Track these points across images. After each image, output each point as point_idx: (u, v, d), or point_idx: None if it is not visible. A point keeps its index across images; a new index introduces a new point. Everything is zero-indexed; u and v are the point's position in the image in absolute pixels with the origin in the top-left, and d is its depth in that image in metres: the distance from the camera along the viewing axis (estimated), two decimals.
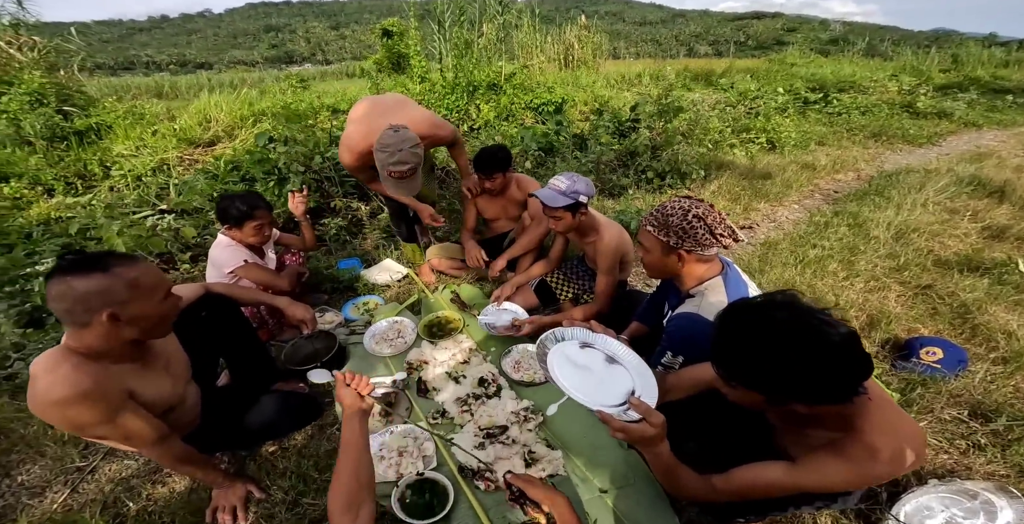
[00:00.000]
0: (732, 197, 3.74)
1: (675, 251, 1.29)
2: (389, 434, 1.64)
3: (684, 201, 1.30)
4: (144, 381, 1.19)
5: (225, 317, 1.60)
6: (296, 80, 5.70)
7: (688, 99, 5.65)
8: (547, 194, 1.80)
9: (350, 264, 2.65)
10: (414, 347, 2.08)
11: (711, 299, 1.29)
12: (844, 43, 14.47)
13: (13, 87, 4.81)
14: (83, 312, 1.02)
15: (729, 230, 1.29)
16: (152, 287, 1.11)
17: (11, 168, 3.87)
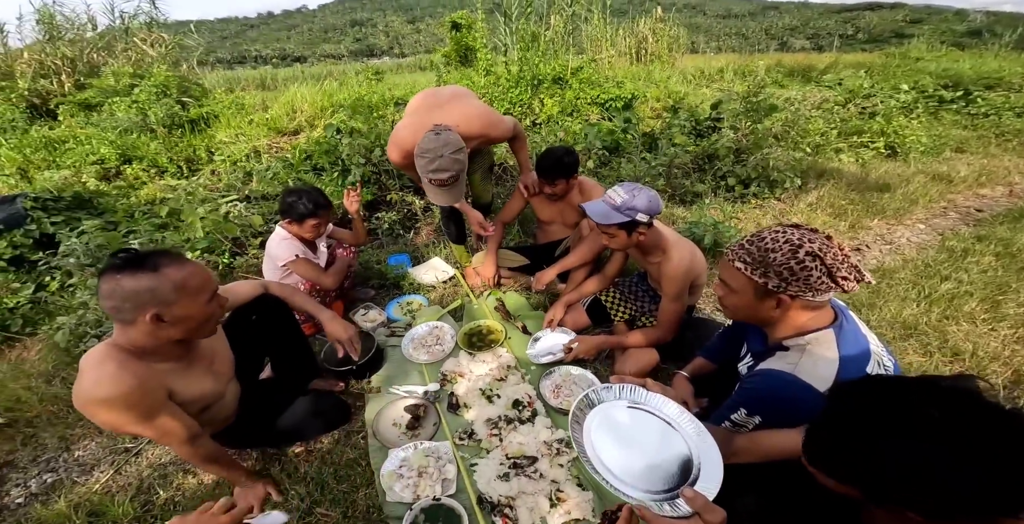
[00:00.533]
0: (835, 212, 3.16)
1: (774, 295, 1.00)
2: (412, 450, 1.54)
3: (791, 232, 1.00)
4: (186, 380, 1.19)
5: (276, 320, 1.58)
6: (372, 72, 5.88)
7: (782, 97, 4.94)
8: (598, 209, 1.55)
9: (400, 260, 2.60)
10: (451, 356, 1.96)
11: (815, 359, 0.99)
12: (989, 35, 11.99)
13: (144, 80, 5.45)
14: (130, 310, 1.03)
15: (854, 271, 0.97)
16: (198, 289, 1.10)
17: (135, 152, 4.37)
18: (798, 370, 0.98)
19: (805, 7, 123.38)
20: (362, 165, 2.92)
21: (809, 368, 0.98)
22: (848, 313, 1.08)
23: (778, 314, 1.03)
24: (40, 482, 1.57)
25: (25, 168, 4.08)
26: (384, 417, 1.69)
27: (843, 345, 1.00)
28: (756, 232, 1.05)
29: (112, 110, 5.12)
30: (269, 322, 1.55)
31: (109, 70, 5.73)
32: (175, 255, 1.11)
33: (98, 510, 1.41)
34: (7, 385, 1.89)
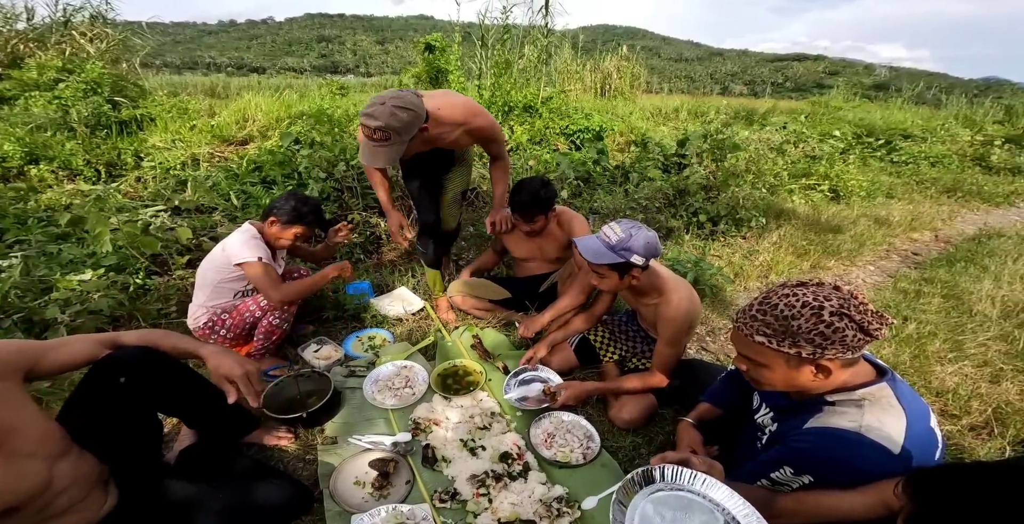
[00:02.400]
0: (798, 252, 3.31)
1: (812, 362, 0.92)
2: (381, 516, 1.28)
3: (803, 292, 0.92)
4: None
5: (156, 378, 1.17)
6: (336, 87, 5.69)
7: (740, 137, 5.32)
8: (590, 246, 1.45)
9: (360, 288, 2.32)
10: (423, 401, 1.72)
11: (880, 417, 0.91)
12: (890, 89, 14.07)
13: (72, 75, 4.92)
14: None
15: (877, 317, 0.91)
16: None
17: (44, 151, 3.83)
18: (864, 429, 0.89)
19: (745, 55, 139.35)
20: (322, 180, 2.66)
21: (876, 426, 0.89)
22: (889, 368, 1.02)
23: (821, 379, 0.94)
24: None
25: None
26: (344, 474, 1.41)
27: (903, 399, 0.93)
28: (762, 297, 0.97)
29: (28, 105, 4.55)
30: (145, 383, 1.15)
31: (33, 62, 5.13)
32: None
33: None
34: None
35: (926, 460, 0.91)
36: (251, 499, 1.23)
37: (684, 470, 0.95)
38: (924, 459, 0.90)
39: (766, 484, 1.00)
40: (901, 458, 0.88)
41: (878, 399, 0.93)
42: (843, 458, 0.90)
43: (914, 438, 0.89)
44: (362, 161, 1.73)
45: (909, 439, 0.89)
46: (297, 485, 1.36)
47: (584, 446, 1.54)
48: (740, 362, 1.03)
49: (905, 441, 0.88)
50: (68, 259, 2.05)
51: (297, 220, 1.79)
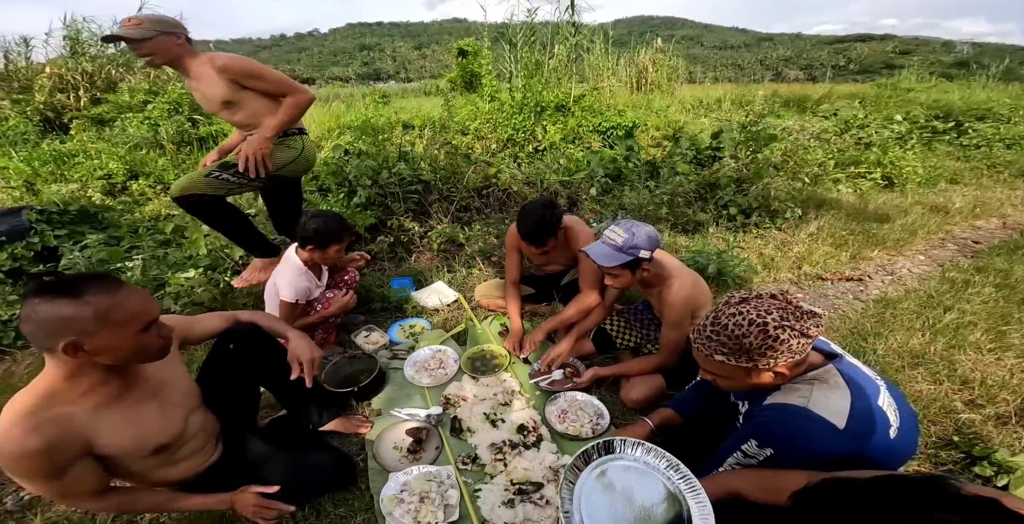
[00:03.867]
0: (836, 242, 3.21)
1: (767, 371, 1.02)
2: (414, 474, 1.51)
3: (747, 310, 1.00)
4: (120, 419, 1.07)
5: (257, 349, 1.45)
6: (379, 96, 6.10)
7: (780, 127, 5.12)
8: (601, 252, 1.55)
9: (403, 283, 2.61)
10: (454, 380, 1.96)
11: (826, 392, 1.01)
12: (976, 66, 12.54)
13: (158, 97, 5.62)
14: (45, 338, 0.92)
15: (812, 315, 1.01)
16: (126, 319, 0.98)
17: (143, 168, 4.46)
18: (811, 403, 1.00)
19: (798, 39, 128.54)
20: (368, 187, 2.98)
21: (822, 401, 0.99)
22: (835, 347, 1.12)
23: (778, 380, 1.06)
24: (16, 499, 1.51)
25: (32, 181, 4.14)
26: (385, 440, 1.66)
27: (848, 378, 1.03)
28: (713, 317, 1.05)
29: (124, 126, 5.24)
30: (249, 352, 1.43)
31: (125, 86, 5.89)
32: (107, 281, 0.99)
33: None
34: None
35: (876, 437, 0.99)
36: (308, 464, 1.48)
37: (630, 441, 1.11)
38: (873, 436, 0.99)
39: (739, 457, 1.10)
40: (847, 433, 0.97)
41: (825, 379, 1.03)
42: (793, 431, 1.00)
43: (858, 415, 0.98)
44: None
45: (853, 416, 0.98)
46: (345, 457, 1.58)
47: (594, 422, 1.70)
48: (706, 374, 1.14)
49: (848, 418, 0.97)
50: (173, 261, 2.48)
51: (330, 241, 1.91)
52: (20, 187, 4.02)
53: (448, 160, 3.40)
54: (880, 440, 0.99)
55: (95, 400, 1.03)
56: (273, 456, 1.42)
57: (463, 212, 3.27)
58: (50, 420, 0.97)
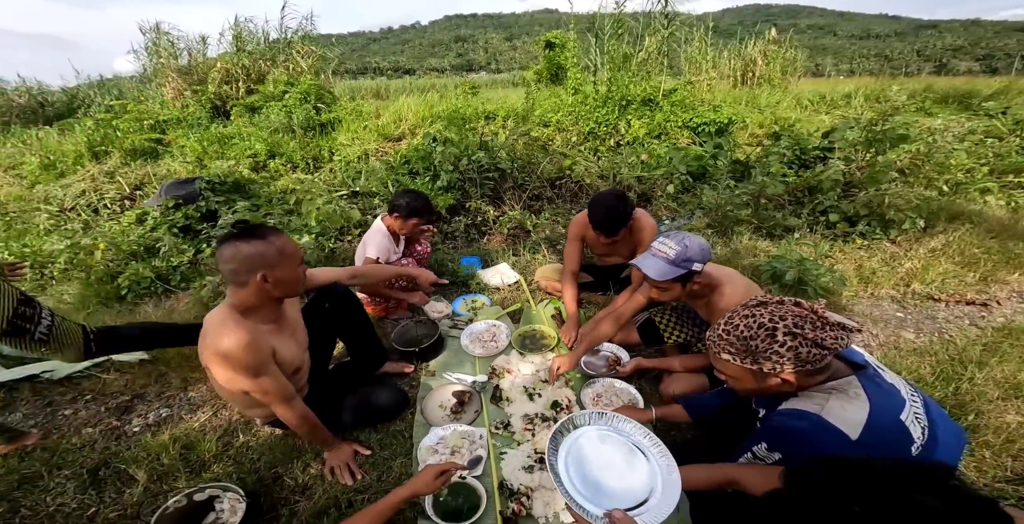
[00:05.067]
0: (964, 261, 2.72)
1: (773, 376, 0.98)
2: (451, 431, 1.67)
3: (760, 313, 0.97)
4: (281, 342, 1.38)
5: (345, 309, 1.76)
6: (469, 86, 6.35)
7: (923, 126, 4.32)
8: (653, 265, 1.46)
9: (471, 261, 2.81)
10: (503, 353, 2.09)
11: (843, 403, 0.95)
12: None
13: (293, 87, 6.49)
14: (245, 272, 1.23)
15: (838, 328, 0.93)
16: (293, 255, 1.32)
17: (278, 149, 5.24)
18: (825, 411, 0.94)
19: (975, 25, 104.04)
20: (450, 172, 3.22)
21: (837, 410, 0.94)
22: (870, 360, 1.03)
23: (787, 388, 1.00)
24: (157, 415, 1.85)
25: (201, 157, 5.13)
26: (433, 398, 1.85)
27: (871, 390, 0.95)
28: (728, 316, 1.03)
29: (268, 113, 6.16)
30: (338, 310, 1.74)
31: (271, 78, 6.90)
32: (275, 228, 1.32)
33: (191, 444, 1.64)
34: None
35: (893, 453, 0.91)
36: (373, 397, 1.76)
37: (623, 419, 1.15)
38: (891, 452, 0.91)
39: (750, 458, 1.07)
40: (858, 445, 0.89)
41: (844, 390, 0.96)
42: (802, 437, 0.95)
43: (875, 429, 0.90)
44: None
45: (869, 428, 0.90)
46: (401, 391, 1.86)
47: None
48: (719, 373, 1.11)
49: (864, 429, 0.90)
50: (294, 226, 2.99)
51: (413, 214, 2.20)
52: (193, 162, 5.01)
53: (526, 150, 3.51)
54: (899, 456, 0.92)
55: (268, 326, 1.36)
56: (346, 392, 1.72)
57: (535, 201, 3.37)
58: (248, 326, 1.27)
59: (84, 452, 1.65)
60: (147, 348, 2.11)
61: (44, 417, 1.89)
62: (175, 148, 5.41)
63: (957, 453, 1.03)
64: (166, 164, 4.95)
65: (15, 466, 1.59)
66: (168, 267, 2.90)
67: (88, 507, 1.41)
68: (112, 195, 4.28)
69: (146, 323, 2.29)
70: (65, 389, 2.03)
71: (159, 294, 2.81)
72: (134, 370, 2.10)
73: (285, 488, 1.47)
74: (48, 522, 1.38)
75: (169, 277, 2.87)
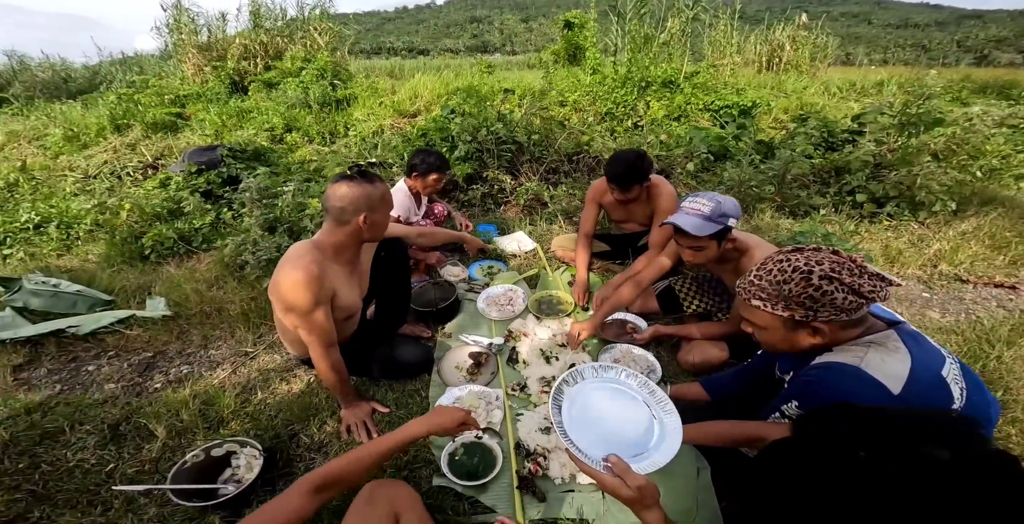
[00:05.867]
0: (995, 244, 2.63)
1: (806, 325, 0.93)
2: (467, 391, 1.66)
3: (795, 257, 0.93)
4: (347, 285, 1.43)
5: (396, 260, 1.77)
6: (484, 66, 6.26)
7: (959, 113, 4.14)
8: (689, 222, 1.43)
9: (487, 229, 2.80)
10: (519, 317, 2.07)
11: (883, 355, 0.90)
12: None
13: (310, 64, 6.47)
14: (352, 212, 1.30)
15: (877, 279, 0.89)
16: (389, 202, 1.40)
17: (295, 123, 5.26)
18: (865, 364, 0.89)
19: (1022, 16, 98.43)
20: (468, 142, 3.19)
21: (877, 363, 0.89)
22: (904, 320, 0.99)
23: (819, 340, 0.95)
24: (178, 371, 1.86)
25: (220, 130, 5.16)
26: (449, 359, 1.84)
27: (911, 345, 0.90)
28: (760, 264, 0.99)
29: (286, 88, 6.16)
30: (391, 261, 1.73)
31: (289, 54, 6.88)
32: (379, 175, 1.38)
33: (210, 400, 1.64)
34: (181, 286, 2.36)
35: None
36: (401, 352, 1.77)
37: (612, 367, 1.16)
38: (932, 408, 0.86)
39: (777, 418, 1.02)
40: (900, 401, 0.85)
41: (883, 342, 0.91)
42: (841, 391, 0.89)
43: (918, 383, 0.86)
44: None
45: (912, 382, 0.85)
46: (428, 350, 1.87)
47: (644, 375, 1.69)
48: (746, 326, 1.06)
49: (907, 384, 0.85)
50: (312, 192, 2.99)
51: (431, 170, 2.24)
52: (212, 135, 5.05)
53: (543, 125, 3.45)
54: None
55: (344, 268, 1.43)
56: (380, 343, 1.74)
57: (552, 174, 3.33)
58: (322, 263, 1.33)
59: (106, 408, 1.66)
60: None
61: (68, 372, 1.91)
62: (195, 122, 5.45)
63: (989, 424, 0.99)
64: (186, 137, 4.99)
65: (38, 421, 1.60)
66: (191, 229, 2.93)
67: (107, 463, 1.42)
68: (135, 164, 4.33)
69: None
70: (89, 345, 2.05)
71: (181, 254, 2.85)
72: (156, 327, 2.12)
73: (301, 445, 1.48)
74: (67, 477, 1.38)
75: (191, 238, 2.91)
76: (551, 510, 1.26)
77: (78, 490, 1.33)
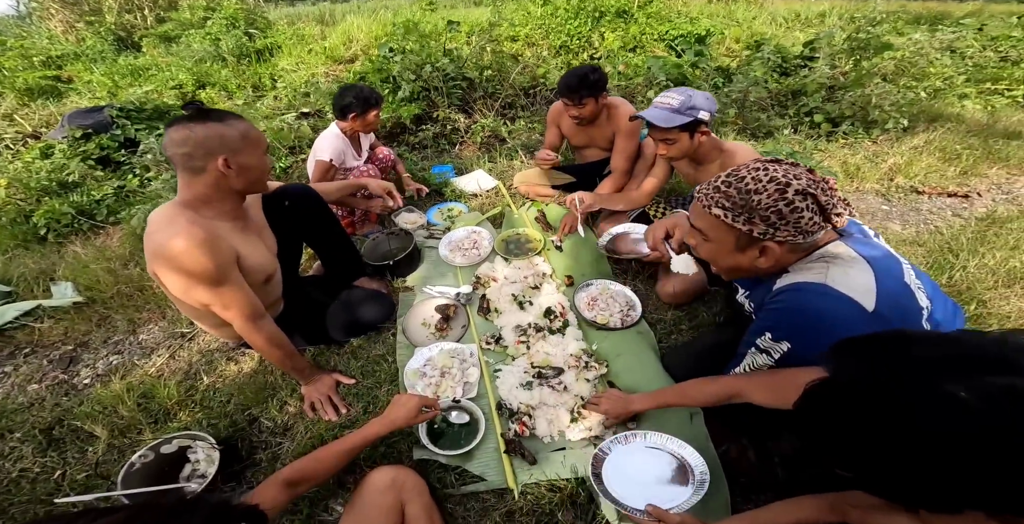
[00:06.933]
0: (945, 156, 2.68)
1: (758, 243, 0.84)
2: (438, 350, 1.50)
3: (774, 168, 0.83)
4: (247, 243, 1.20)
5: (308, 208, 1.53)
6: (426, 3, 5.69)
7: (900, 40, 4.17)
8: (658, 115, 1.43)
9: (443, 170, 2.55)
10: (487, 261, 1.89)
11: (845, 268, 0.81)
12: None
13: (216, 13, 5.58)
14: (203, 157, 1.07)
15: (843, 204, 0.84)
16: (258, 139, 1.16)
17: (208, 78, 4.56)
18: (830, 279, 0.80)
19: None
20: (412, 81, 2.83)
21: (840, 277, 0.80)
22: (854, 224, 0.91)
23: (763, 263, 0.86)
24: (106, 364, 1.65)
25: (114, 91, 4.39)
26: (414, 315, 1.66)
27: (865, 253, 0.82)
28: (733, 170, 0.88)
29: (189, 42, 5.32)
30: (301, 209, 1.50)
31: (185, 4, 5.92)
32: (232, 113, 1.14)
33: (149, 393, 1.45)
34: (90, 267, 2.03)
35: (909, 322, 0.80)
36: (356, 301, 1.60)
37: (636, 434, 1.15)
38: (906, 320, 0.80)
39: (754, 354, 0.92)
40: (875, 318, 0.77)
41: (836, 254, 0.82)
42: (812, 313, 0.81)
43: (888, 295, 0.78)
44: None
45: (882, 295, 0.78)
46: (383, 294, 1.70)
47: (624, 313, 1.57)
48: (692, 235, 0.96)
49: (878, 297, 0.78)
50: None
51: (367, 105, 1.96)
52: (105, 97, 4.28)
53: (495, 59, 3.10)
54: (914, 327, 0.81)
55: (229, 224, 1.18)
56: (326, 304, 1.55)
57: (508, 109, 3.07)
58: (203, 223, 1.09)
59: (33, 411, 1.46)
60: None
61: None
62: (80, 84, 4.65)
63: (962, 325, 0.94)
64: (73, 101, 4.25)
65: None
66: (90, 201, 2.49)
67: (53, 470, 1.26)
68: (12, 135, 3.61)
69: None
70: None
71: (85, 231, 2.43)
72: (70, 316, 1.83)
73: (264, 431, 1.33)
74: (15, 489, 1.23)
75: (94, 212, 2.46)
76: (544, 472, 1.16)
77: (30, 501, 1.20)
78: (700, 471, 1.05)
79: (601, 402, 1.22)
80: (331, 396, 1.36)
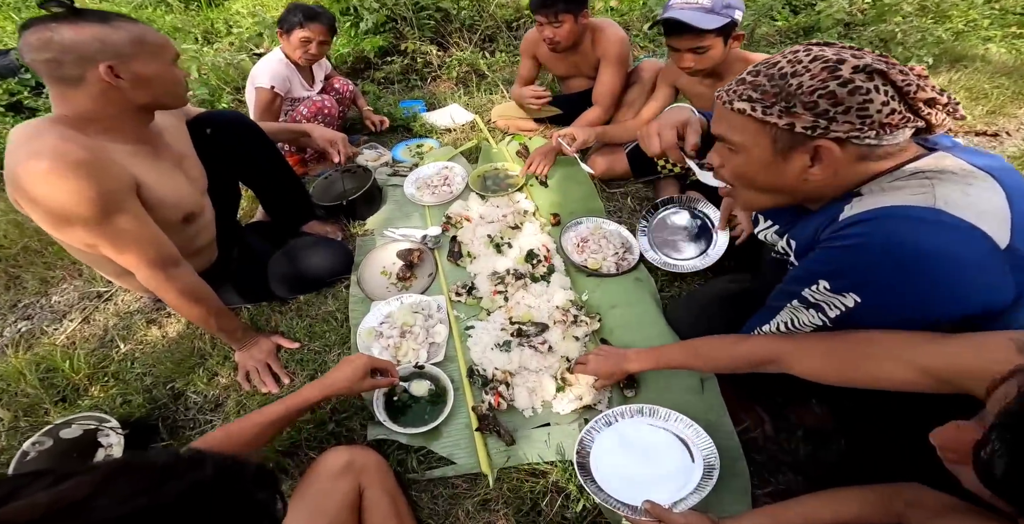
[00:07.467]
0: (973, 95, 2.46)
1: (807, 143, 0.56)
2: (399, 304, 1.23)
3: (819, 49, 0.57)
4: (154, 171, 0.95)
5: (240, 136, 1.25)
6: None
7: None
8: (692, 17, 1.15)
9: (413, 104, 2.21)
10: (459, 199, 1.60)
11: (960, 184, 0.53)
12: None
13: None
14: (75, 63, 0.81)
15: (938, 93, 0.55)
16: (160, 46, 0.91)
17: (153, 25, 4.09)
18: (940, 200, 0.52)
19: None
20: (376, 10, 2.45)
21: (958, 197, 0.52)
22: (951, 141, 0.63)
23: (816, 175, 0.58)
24: (14, 331, 1.42)
25: None
26: (372, 263, 1.38)
27: (983, 164, 0.54)
28: (765, 59, 0.62)
29: None
30: (230, 139, 1.23)
31: None
32: (127, 16, 0.91)
33: (54, 367, 1.24)
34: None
35: None
36: (304, 249, 1.35)
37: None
38: None
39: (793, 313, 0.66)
40: (1011, 254, 0.51)
41: (944, 167, 0.54)
42: (910, 252, 0.52)
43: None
44: None
45: (1018, 221, 0.51)
46: (338, 242, 1.45)
47: (620, 256, 1.32)
48: (713, 156, 0.69)
49: (1014, 225, 0.51)
50: None
51: (312, 18, 1.64)
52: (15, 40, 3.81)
53: None
54: None
55: (131, 146, 0.93)
56: (269, 252, 1.31)
57: (488, 42, 2.73)
58: (83, 142, 0.84)
59: None
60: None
61: None
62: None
63: None
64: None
65: None
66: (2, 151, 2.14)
67: None
68: None
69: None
70: None
71: None
72: None
73: (191, 407, 1.14)
74: None
75: None
76: (524, 454, 0.94)
77: None
78: (707, 455, 0.86)
79: (590, 360, 0.98)
80: (270, 363, 1.13)
